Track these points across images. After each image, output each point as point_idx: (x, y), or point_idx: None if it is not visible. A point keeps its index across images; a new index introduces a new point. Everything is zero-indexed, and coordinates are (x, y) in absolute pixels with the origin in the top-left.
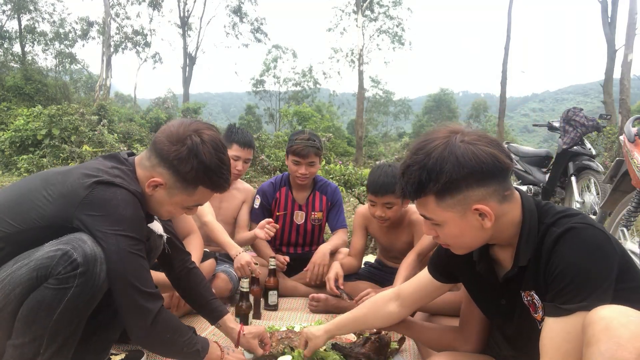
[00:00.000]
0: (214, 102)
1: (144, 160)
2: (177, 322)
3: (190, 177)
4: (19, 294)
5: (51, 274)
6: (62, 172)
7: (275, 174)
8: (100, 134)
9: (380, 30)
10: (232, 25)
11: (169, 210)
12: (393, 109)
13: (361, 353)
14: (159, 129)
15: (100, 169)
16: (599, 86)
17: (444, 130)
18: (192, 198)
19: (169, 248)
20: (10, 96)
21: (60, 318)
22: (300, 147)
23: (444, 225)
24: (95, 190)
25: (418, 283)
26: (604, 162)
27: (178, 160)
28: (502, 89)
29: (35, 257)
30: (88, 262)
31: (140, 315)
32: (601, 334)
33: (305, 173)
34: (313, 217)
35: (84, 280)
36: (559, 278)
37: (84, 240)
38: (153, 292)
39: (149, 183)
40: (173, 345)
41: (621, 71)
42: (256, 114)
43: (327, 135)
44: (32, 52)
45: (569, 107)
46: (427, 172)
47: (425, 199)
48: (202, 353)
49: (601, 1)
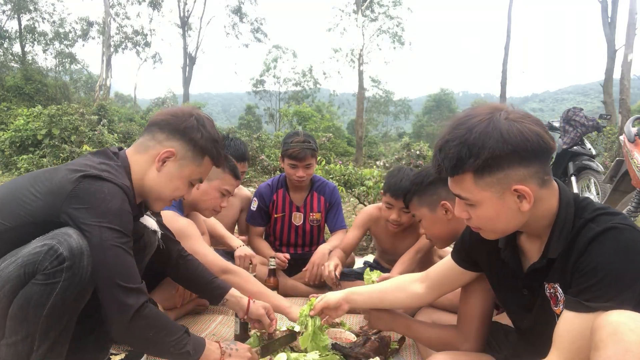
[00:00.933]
0: (214, 102)
1: (145, 142)
2: (163, 321)
3: (200, 144)
4: (8, 292)
5: (38, 269)
6: (50, 170)
7: (276, 173)
8: (100, 134)
9: (380, 30)
10: (232, 25)
11: (176, 186)
12: (393, 109)
13: (361, 353)
14: (151, 117)
15: (88, 164)
16: (599, 86)
17: (486, 107)
18: (199, 169)
19: (163, 244)
20: (10, 96)
21: (50, 313)
22: (297, 150)
23: (479, 206)
24: (82, 184)
25: (443, 268)
26: (604, 162)
27: (190, 128)
28: (502, 89)
29: (22, 254)
30: (74, 255)
31: (119, 310)
32: (609, 338)
33: (303, 176)
34: (311, 218)
35: (71, 275)
36: (590, 275)
37: (69, 234)
38: (135, 287)
39: (160, 156)
40: (158, 344)
41: (621, 71)
42: (256, 114)
43: (327, 135)
44: (32, 52)
45: (569, 107)
46: (467, 147)
47: (463, 176)
48: (193, 355)
49: (601, 1)
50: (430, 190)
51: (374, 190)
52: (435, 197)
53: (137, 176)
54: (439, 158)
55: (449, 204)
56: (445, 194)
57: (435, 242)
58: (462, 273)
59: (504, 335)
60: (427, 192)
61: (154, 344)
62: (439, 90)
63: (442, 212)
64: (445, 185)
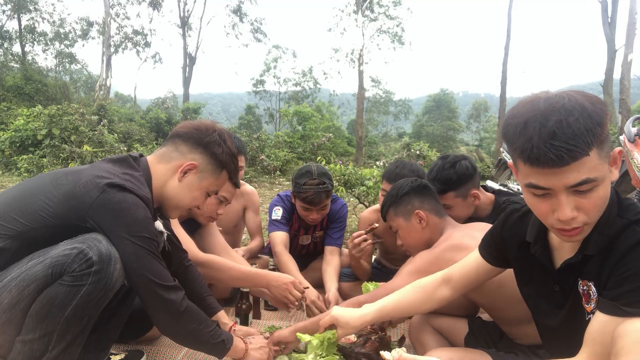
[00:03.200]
0: (214, 102)
1: (169, 153)
2: (201, 314)
3: (220, 159)
4: (34, 291)
5: (66, 271)
6: (72, 172)
7: (276, 173)
8: (100, 134)
9: (380, 30)
10: (232, 25)
11: (195, 197)
12: (393, 109)
13: (361, 353)
14: (174, 128)
15: (112, 172)
16: (599, 86)
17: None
18: (216, 182)
19: (168, 245)
20: (10, 96)
21: (72, 315)
22: (310, 194)
23: (603, 182)
24: (107, 193)
25: (468, 266)
26: None
27: (212, 143)
28: (502, 89)
29: (51, 255)
30: (103, 261)
31: (165, 307)
32: (632, 347)
33: (317, 218)
34: (315, 236)
35: (98, 279)
36: (631, 280)
37: (99, 240)
38: (172, 285)
39: (183, 168)
40: (199, 336)
41: (621, 71)
42: (256, 114)
43: (327, 135)
44: (32, 52)
45: None
46: (590, 118)
47: (590, 154)
48: (227, 344)
49: (601, 1)
50: (404, 201)
51: (374, 190)
52: (409, 207)
53: (158, 184)
54: (561, 141)
55: (422, 213)
56: (419, 204)
57: (411, 252)
58: (490, 269)
59: (498, 335)
60: (401, 203)
61: (196, 335)
62: (439, 90)
63: (416, 221)
64: (418, 196)
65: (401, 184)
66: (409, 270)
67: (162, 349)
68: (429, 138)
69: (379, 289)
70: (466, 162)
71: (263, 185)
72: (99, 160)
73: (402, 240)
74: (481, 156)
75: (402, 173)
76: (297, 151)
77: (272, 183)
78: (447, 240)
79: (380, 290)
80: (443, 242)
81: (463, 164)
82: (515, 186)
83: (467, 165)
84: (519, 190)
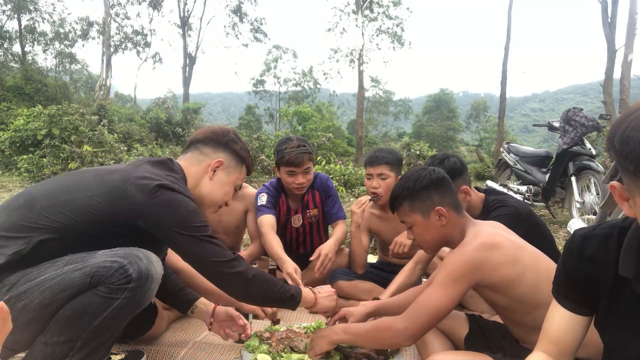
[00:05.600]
0: (214, 102)
1: (195, 156)
2: (268, 276)
3: (240, 154)
4: (68, 296)
5: (104, 282)
6: (117, 171)
7: (276, 174)
8: (100, 134)
9: (379, 30)
10: (232, 25)
11: (226, 191)
12: (393, 109)
13: (361, 353)
14: (191, 136)
15: (157, 174)
16: (599, 86)
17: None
18: (240, 176)
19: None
20: (10, 96)
21: (100, 325)
22: (293, 156)
23: None
24: (159, 193)
25: (563, 327)
26: (604, 162)
27: (231, 141)
28: (502, 89)
29: (91, 264)
30: (141, 278)
31: (235, 278)
32: None
33: (303, 182)
34: (309, 215)
35: (132, 295)
36: None
37: (139, 258)
38: (234, 257)
39: (213, 166)
40: (271, 294)
41: (621, 71)
42: (256, 114)
43: (327, 135)
44: (32, 52)
45: (569, 107)
46: None
47: None
48: (297, 297)
49: (601, 1)
50: (422, 196)
51: None
52: (428, 202)
53: (192, 186)
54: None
55: (443, 210)
56: (439, 199)
57: (426, 249)
58: (583, 321)
59: (501, 336)
60: (419, 197)
61: (268, 294)
62: (439, 90)
63: (435, 217)
64: (438, 190)
65: (418, 174)
66: (443, 281)
67: (162, 349)
68: (429, 138)
69: (415, 305)
70: (455, 158)
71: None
72: (137, 160)
73: (416, 237)
74: (481, 156)
75: (381, 155)
76: None
77: None
78: (477, 238)
79: (415, 306)
80: (472, 241)
81: (452, 160)
82: (515, 186)
83: (455, 161)
84: (519, 191)
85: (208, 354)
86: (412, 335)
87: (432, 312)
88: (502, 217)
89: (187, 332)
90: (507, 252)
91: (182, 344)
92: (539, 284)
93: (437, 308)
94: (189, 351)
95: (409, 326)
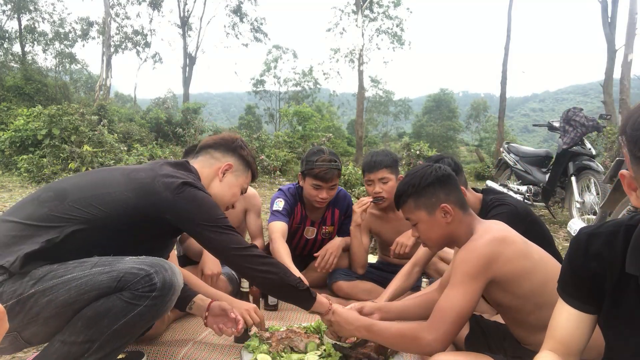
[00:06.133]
0: (214, 102)
1: (207, 160)
2: (283, 265)
3: (247, 159)
4: (93, 297)
5: (129, 287)
6: (143, 169)
7: (276, 174)
8: (100, 134)
9: (379, 30)
10: (232, 25)
11: (234, 193)
12: (393, 109)
13: (361, 353)
14: (202, 141)
15: (182, 173)
16: (599, 86)
17: None
18: (247, 180)
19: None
20: (10, 96)
21: (119, 330)
22: (324, 170)
23: None
24: (185, 189)
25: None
26: (604, 162)
27: (239, 147)
28: (502, 89)
29: (118, 269)
30: (164, 288)
31: (253, 262)
32: None
33: (326, 197)
34: (324, 231)
35: (154, 304)
36: None
37: (165, 269)
38: (250, 245)
39: (223, 168)
40: (289, 281)
41: (621, 71)
42: (256, 114)
43: (327, 135)
44: (32, 52)
45: (569, 107)
46: None
47: None
48: (313, 293)
49: (601, 1)
50: (428, 193)
51: None
52: (434, 199)
53: (204, 186)
54: None
55: (449, 207)
56: (445, 197)
57: (431, 247)
58: (589, 320)
59: (502, 337)
60: (424, 194)
61: (284, 281)
62: (439, 90)
63: (441, 215)
64: (443, 187)
65: (423, 171)
66: (461, 281)
67: (162, 349)
68: (429, 138)
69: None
70: (449, 159)
71: (263, 186)
72: (155, 160)
73: (420, 234)
74: (481, 156)
75: (379, 160)
76: (297, 151)
77: (272, 183)
78: (488, 233)
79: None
80: (483, 236)
81: (446, 161)
82: (516, 186)
83: (450, 162)
84: (519, 191)
85: (208, 353)
86: (442, 346)
87: (457, 316)
88: (501, 216)
89: (187, 332)
90: (519, 247)
91: (182, 344)
92: (545, 283)
93: (460, 310)
94: (189, 351)
95: (437, 337)
